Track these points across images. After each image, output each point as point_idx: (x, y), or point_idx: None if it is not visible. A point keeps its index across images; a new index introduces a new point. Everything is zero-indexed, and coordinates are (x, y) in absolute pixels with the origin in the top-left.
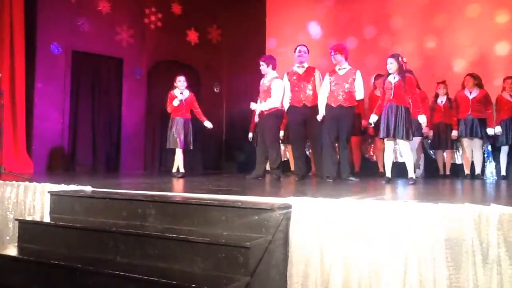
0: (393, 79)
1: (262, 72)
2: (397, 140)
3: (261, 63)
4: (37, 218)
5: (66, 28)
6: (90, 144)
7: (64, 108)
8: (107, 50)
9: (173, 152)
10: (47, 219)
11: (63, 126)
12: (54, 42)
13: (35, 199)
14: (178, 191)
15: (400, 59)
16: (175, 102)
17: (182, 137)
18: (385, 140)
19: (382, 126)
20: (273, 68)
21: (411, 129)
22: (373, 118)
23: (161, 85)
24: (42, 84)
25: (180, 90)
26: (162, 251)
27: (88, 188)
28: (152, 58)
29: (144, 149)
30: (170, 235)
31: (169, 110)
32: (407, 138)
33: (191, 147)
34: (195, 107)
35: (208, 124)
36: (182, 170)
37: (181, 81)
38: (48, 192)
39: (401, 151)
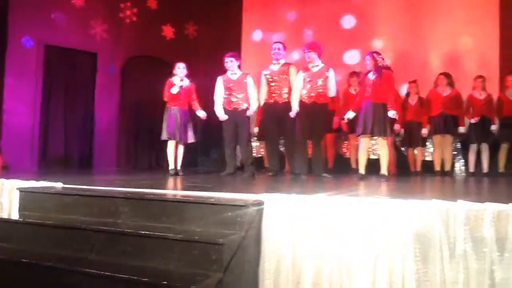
0: (371, 76)
1: (230, 68)
2: (375, 137)
3: (230, 59)
4: (5, 215)
5: (38, 21)
6: (62, 140)
7: (36, 103)
8: (80, 45)
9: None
10: (15, 216)
11: (34, 121)
12: (26, 35)
13: (3, 196)
14: (152, 187)
15: (376, 56)
16: (174, 90)
17: (177, 128)
18: (361, 137)
19: (360, 124)
20: (240, 66)
21: (388, 127)
22: (350, 114)
23: (136, 80)
24: (12, 79)
25: (180, 78)
26: (136, 248)
27: (59, 185)
28: (126, 53)
29: (118, 145)
30: (144, 232)
31: (165, 98)
32: (385, 135)
33: (190, 140)
34: (192, 98)
35: (201, 113)
36: (172, 166)
37: (180, 68)
38: (17, 188)
39: (378, 148)
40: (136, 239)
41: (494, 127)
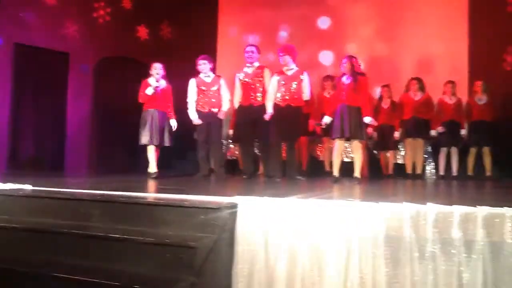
0: (346, 80)
1: (204, 71)
2: (352, 141)
3: (204, 61)
4: None
5: (7, 18)
6: (32, 141)
7: (4, 103)
8: (52, 44)
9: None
10: None
11: (2, 122)
12: None
13: None
14: (124, 190)
15: (353, 60)
16: (149, 91)
17: (155, 132)
18: (337, 140)
19: (336, 127)
20: (213, 68)
21: (364, 130)
22: (327, 119)
23: (109, 81)
24: None
25: (156, 79)
26: (107, 252)
27: (28, 187)
28: (100, 53)
29: (91, 147)
30: (115, 235)
31: (140, 100)
32: (361, 138)
33: (167, 144)
34: (167, 100)
35: (173, 123)
36: (154, 169)
37: (156, 69)
38: None
39: (353, 151)
40: (107, 243)
41: (463, 132)
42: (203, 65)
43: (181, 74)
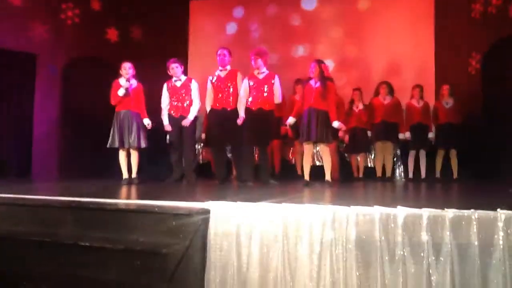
0: (314, 84)
1: (177, 74)
2: (319, 144)
3: (175, 65)
4: None
5: None
6: None
7: None
8: (18, 45)
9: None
10: None
11: None
12: None
13: None
14: (93, 196)
15: (322, 65)
16: (120, 92)
17: (128, 135)
18: (305, 144)
19: (303, 130)
20: (184, 71)
21: (330, 133)
22: (291, 120)
23: (78, 83)
24: None
25: (126, 78)
26: (75, 259)
27: None
28: (68, 54)
29: (59, 151)
30: (83, 243)
31: (112, 102)
32: (328, 142)
33: (142, 145)
34: (139, 100)
35: (146, 121)
36: (126, 175)
37: (126, 69)
38: None
39: (321, 154)
40: (76, 250)
41: (431, 134)
42: (176, 69)
43: (152, 77)
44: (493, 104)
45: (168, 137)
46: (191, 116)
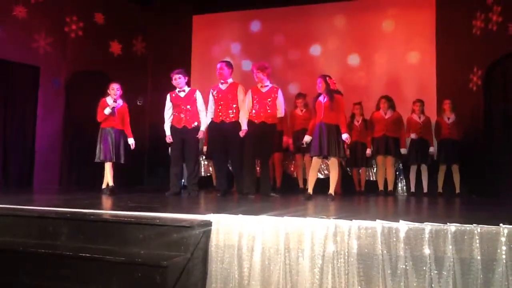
0: (323, 99)
1: (179, 86)
2: (329, 158)
3: (178, 75)
4: None
5: None
6: (0, 157)
7: None
8: (22, 58)
9: (99, 166)
10: None
11: None
12: None
13: None
14: (93, 208)
15: (328, 79)
16: (106, 111)
17: (111, 149)
18: (314, 158)
19: (315, 144)
20: (188, 82)
21: (343, 147)
22: (307, 139)
23: (81, 96)
24: None
25: (113, 98)
26: (75, 271)
27: None
28: (71, 68)
29: (60, 163)
30: (84, 254)
31: (98, 119)
32: (339, 156)
33: (122, 161)
34: (124, 119)
35: (131, 141)
36: (111, 184)
37: (114, 89)
38: None
39: (330, 168)
40: (75, 262)
41: (432, 149)
42: (179, 80)
43: (156, 89)
44: (494, 119)
45: (170, 149)
46: (202, 127)
